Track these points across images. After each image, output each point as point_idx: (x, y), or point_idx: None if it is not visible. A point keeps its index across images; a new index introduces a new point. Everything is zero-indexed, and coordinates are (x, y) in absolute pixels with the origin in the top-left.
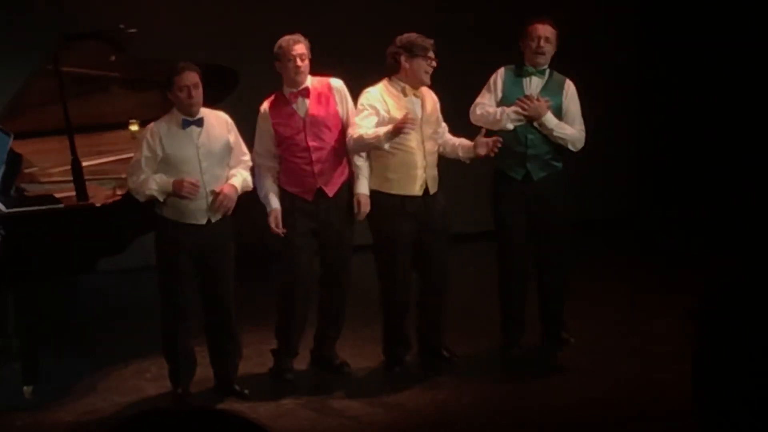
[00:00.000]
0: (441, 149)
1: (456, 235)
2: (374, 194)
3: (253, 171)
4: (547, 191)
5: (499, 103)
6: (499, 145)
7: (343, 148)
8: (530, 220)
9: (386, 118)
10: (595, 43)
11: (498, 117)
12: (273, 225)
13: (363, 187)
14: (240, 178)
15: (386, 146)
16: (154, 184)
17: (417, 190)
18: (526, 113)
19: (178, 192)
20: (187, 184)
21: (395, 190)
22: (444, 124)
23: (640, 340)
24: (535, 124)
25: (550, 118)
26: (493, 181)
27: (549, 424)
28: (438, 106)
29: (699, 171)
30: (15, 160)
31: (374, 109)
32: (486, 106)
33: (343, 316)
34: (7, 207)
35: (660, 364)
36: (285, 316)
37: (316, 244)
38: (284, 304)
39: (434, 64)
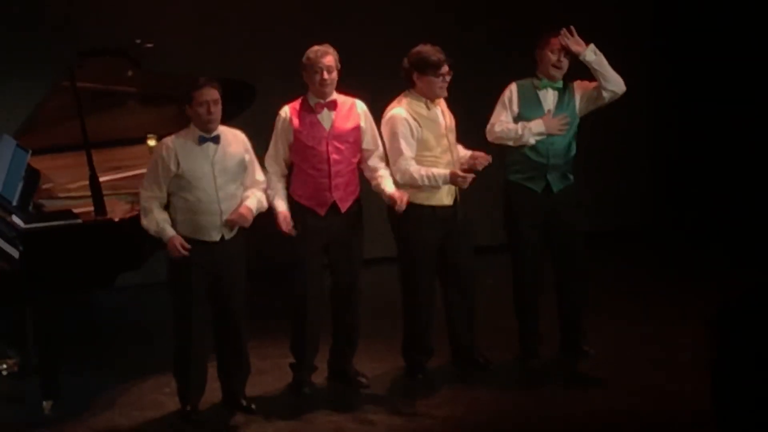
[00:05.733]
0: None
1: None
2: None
3: (266, 192)
4: (565, 203)
5: (516, 119)
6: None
7: (358, 165)
8: (547, 233)
9: (420, 138)
10: (607, 49)
11: (520, 133)
12: (284, 227)
13: (391, 186)
14: (254, 199)
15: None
16: (155, 225)
17: (447, 199)
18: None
19: (170, 249)
20: (176, 251)
21: (427, 201)
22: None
23: (658, 350)
24: (585, 58)
25: (591, 56)
26: (508, 194)
27: None
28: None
29: (714, 180)
30: (33, 176)
31: (411, 134)
32: (505, 123)
33: (357, 331)
34: (26, 223)
35: (679, 375)
36: (298, 333)
37: (326, 258)
38: (297, 321)
39: (448, 78)
